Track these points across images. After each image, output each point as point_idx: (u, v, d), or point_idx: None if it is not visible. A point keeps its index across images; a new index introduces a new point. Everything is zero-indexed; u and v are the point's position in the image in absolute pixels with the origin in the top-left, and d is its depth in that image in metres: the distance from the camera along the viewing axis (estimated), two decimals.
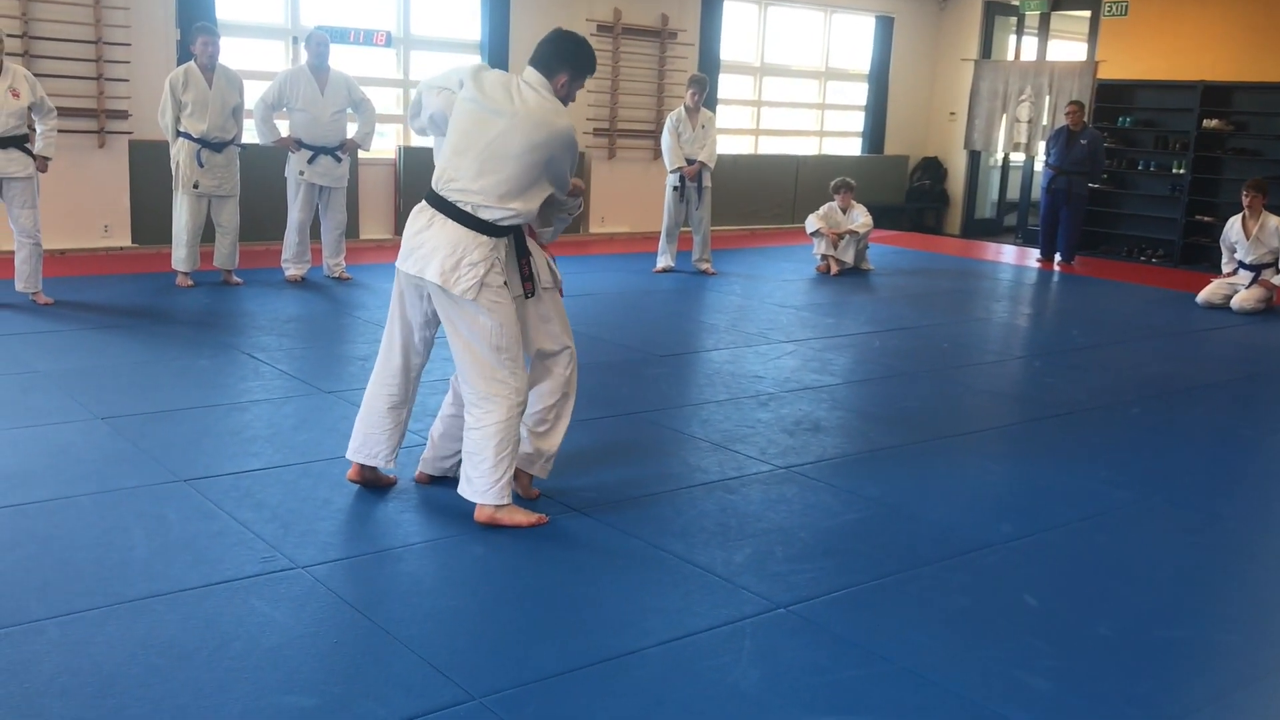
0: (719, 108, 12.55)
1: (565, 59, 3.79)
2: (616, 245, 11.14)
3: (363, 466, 4.01)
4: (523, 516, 3.77)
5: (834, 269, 9.81)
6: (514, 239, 3.80)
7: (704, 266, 9.54)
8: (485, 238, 3.64)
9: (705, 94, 9.25)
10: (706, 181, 9.36)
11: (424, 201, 3.77)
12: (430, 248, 3.66)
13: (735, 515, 4.01)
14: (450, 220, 3.66)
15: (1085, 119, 11.31)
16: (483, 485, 3.72)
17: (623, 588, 3.39)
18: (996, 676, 2.95)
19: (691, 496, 4.18)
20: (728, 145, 12.92)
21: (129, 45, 8.81)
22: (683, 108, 9.28)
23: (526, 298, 3.86)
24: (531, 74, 3.78)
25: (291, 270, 8.15)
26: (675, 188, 9.32)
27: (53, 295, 6.99)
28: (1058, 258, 11.29)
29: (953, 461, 4.81)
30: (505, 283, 3.70)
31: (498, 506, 3.73)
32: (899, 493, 4.34)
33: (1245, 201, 9.00)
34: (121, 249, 9.07)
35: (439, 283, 3.62)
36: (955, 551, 3.78)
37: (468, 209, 3.64)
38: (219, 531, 3.62)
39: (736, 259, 10.56)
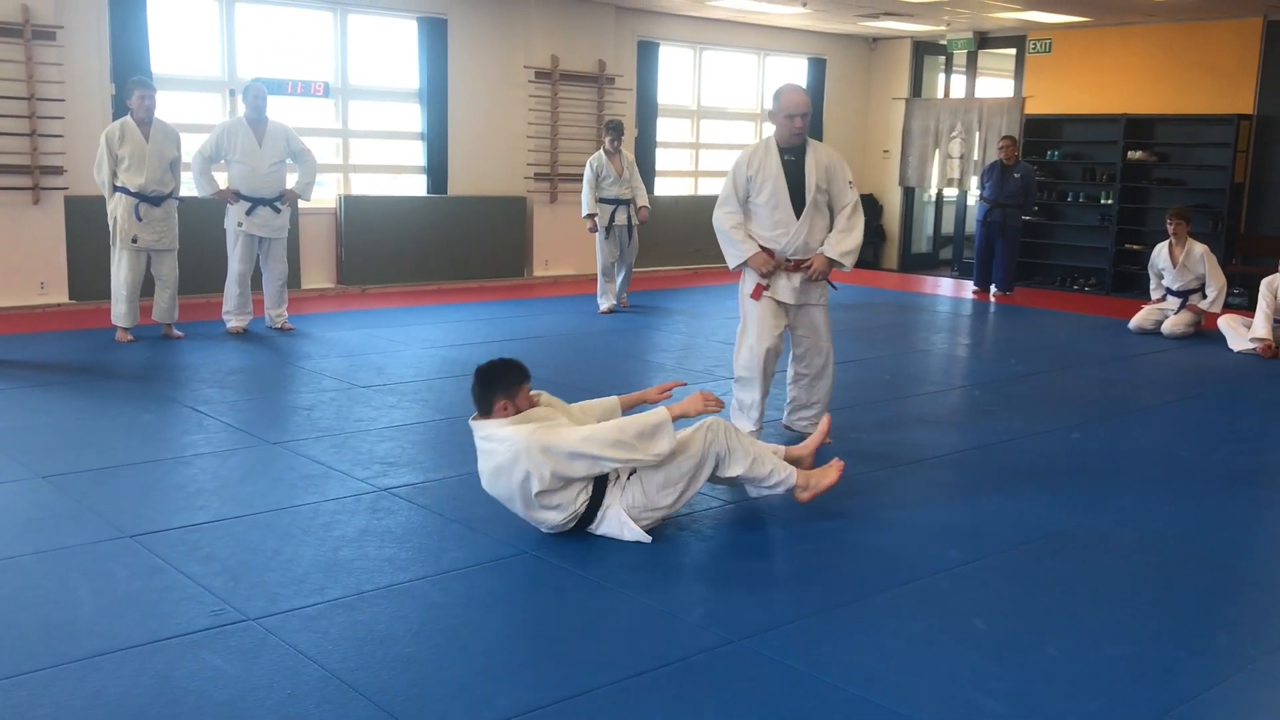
0: (658, 150, 12.72)
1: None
2: (561, 288, 11.19)
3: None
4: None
5: None
6: None
7: (623, 300, 9.88)
8: None
9: (623, 137, 9.49)
10: (637, 219, 9.64)
11: None
12: None
13: (688, 551, 4.03)
14: None
15: (1017, 153, 11.61)
16: None
17: (577, 627, 3.40)
18: (950, 700, 2.99)
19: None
20: (668, 187, 13.07)
21: (63, 101, 8.75)
22: (602, 151, 9.51)
23: None
24: None
25: (233, 322, 8.09)
26: (606, 228, 9.52)
27: None
28: (993, 289, 11.53)
29: (899, 491, 4.87)
30: None
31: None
32: (847, 523, 4.38)
33: (1170, 229, 9.26)
34: (59, 305, 8.95)
35: None
36: (904, 579, 3.83)
37: None
38: (167, 586, 3.57)
39: (680, 298, 10.65)
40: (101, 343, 7.63)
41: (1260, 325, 8.37)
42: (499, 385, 4.04)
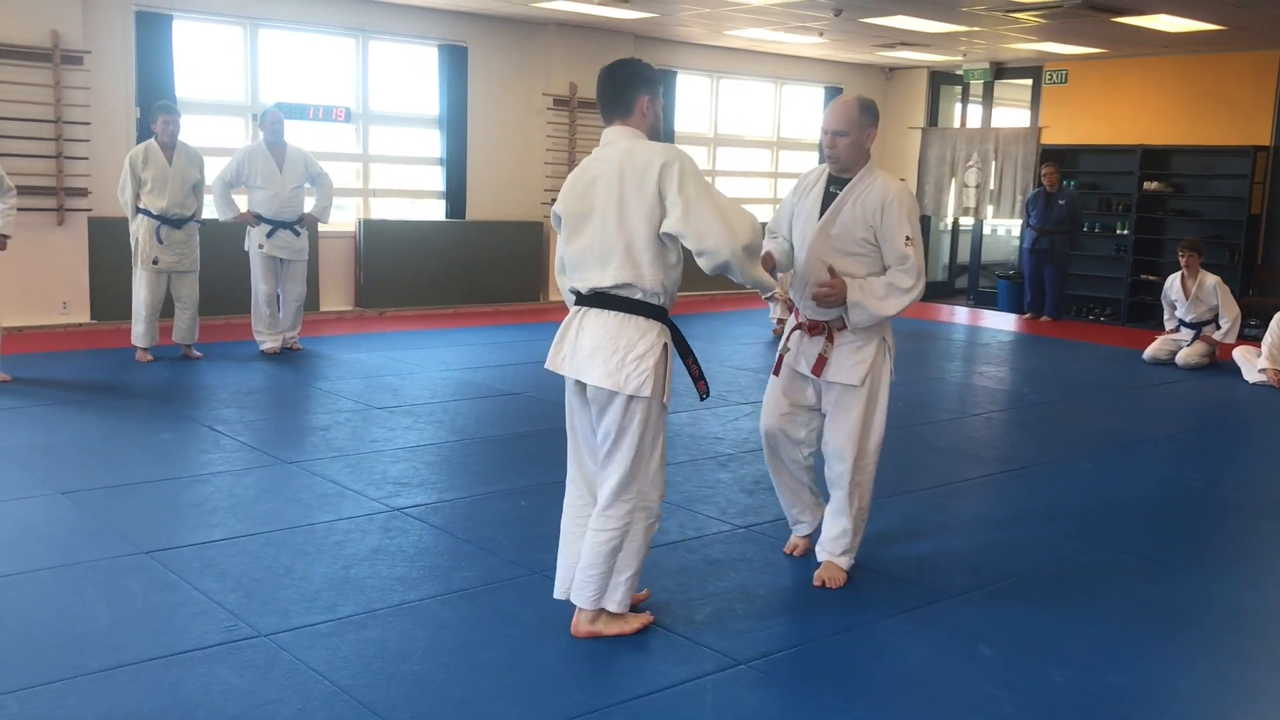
0: None
1: (633, 85, 3.55)
2: None
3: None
4: (624, 623, 3.47)
5: None
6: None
7: None
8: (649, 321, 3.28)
9: None
10: None
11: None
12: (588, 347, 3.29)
13: (696, 575, 4.06)
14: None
15: (1060, 180, 11.76)
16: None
17: (586, 648, 3.42)
18: None
19: (653, 557, 4.20)
20: None
21: (89, 124, 8.87)
22: None
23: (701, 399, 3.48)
24: (611, 131, 3.53)
25: (267, 344, 8.15)
26: None
27: (11, 372, 6.97)
28: (1029, 313, 11.69)
29: (908, 516, 4.89)
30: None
31: (598, 615, 3.43)
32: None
33: (1182, 262, 9.28)
34: (80, 325, 9.06)
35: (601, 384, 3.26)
36: (912, 605, 3.85)
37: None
38: (181, 602, 3.62)
39: (694, 323, 10.68)
40: (121, 362, 7.72)
41: (1268, 356, 8.40)
42: (639, 80, 3.49)
